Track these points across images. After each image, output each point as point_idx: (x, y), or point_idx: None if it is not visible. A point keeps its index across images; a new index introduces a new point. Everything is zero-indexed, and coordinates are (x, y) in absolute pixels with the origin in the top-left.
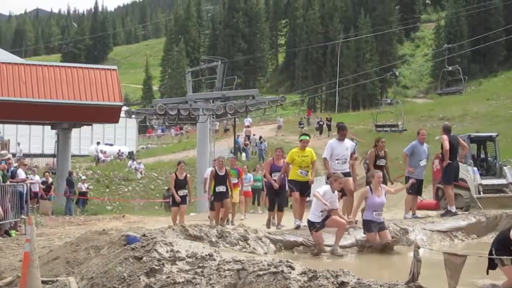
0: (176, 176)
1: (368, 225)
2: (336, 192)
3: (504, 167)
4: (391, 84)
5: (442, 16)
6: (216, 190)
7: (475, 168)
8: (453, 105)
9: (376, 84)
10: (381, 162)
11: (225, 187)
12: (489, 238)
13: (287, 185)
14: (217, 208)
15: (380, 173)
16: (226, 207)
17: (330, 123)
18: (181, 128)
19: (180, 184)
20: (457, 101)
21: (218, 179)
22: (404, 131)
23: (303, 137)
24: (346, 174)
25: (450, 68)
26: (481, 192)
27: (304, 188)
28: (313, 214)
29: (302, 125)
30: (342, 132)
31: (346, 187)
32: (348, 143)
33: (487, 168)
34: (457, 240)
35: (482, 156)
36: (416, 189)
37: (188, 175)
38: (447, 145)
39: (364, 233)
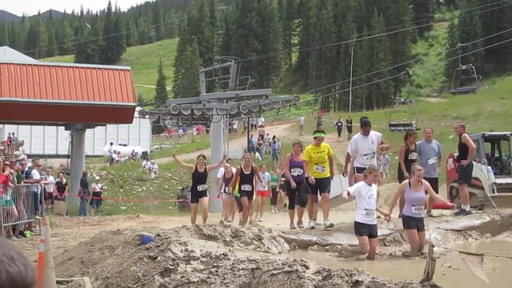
0: (196, 169)
1: (407, 221)
2: (374, 185)
3: None
4: (405, 83)
5: (456, 15)
6: (242, 189)
7: (489, 167)
8: (467, 104)
9: (390, 83)
10: (413, 156)
11: (251, 187)
12: (504, 237)
13: (305, 185)
14: (245, 206)
15: (422, 170)
16: (246, 206)
17: (351, 125)
18: (208, 127)
19: (200, 178)
20: (471, 100)
21: (244, 177)
22: (418, 130)
23: (317, 134)
24: None
25: (463, 67)
26: (495, 191)
27: (322, 185)
28: (359, 213)
29: (321, 125)
30: (365, 128)
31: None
32: (373, 136)
33: (501, 167)
34: (471, 239)
35: (496, 155)
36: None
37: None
38: (473, 144)
39: (404, 229)
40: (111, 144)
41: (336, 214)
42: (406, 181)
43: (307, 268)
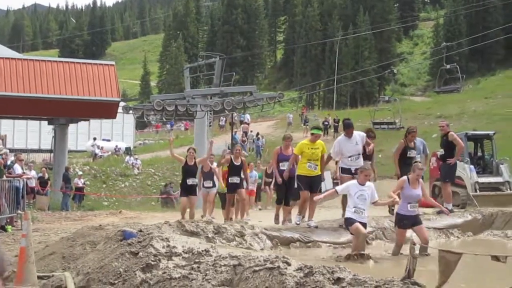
0: (186, 162)
1: (401, 220)
2: (369, 184)
3: (501, 166)
4: (389, 81)
5: (441, 15)
6: (230, 181)
7: (472, 166)
8: (451, 104)
9: (374, 81)
10: (412, 154)
11: (239, 179)
12: (485, 236)
13: (296, 182)
14: (228, 201)
15: (423, 169)
16: (242, 198)
17: (338, 124)
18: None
19: (190, 171)
20: (455, 99)
21: (234, 169)
22: (402, 129)
23: (315, 131)
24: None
25: (448, 66)
26: (478, 190)
27: (314, 183)
28: (348, 210)
29: (307, 124)
30: (348, 131)
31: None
32: (357, 136)
33: (483, 166)
34: (453, 237)
35: (479, 154)
36: None
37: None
38: (461, 142)
39: (395, 226)
40: (95, 139)
41: (319, 211)
42: (405, 177)
43: (289, 264)
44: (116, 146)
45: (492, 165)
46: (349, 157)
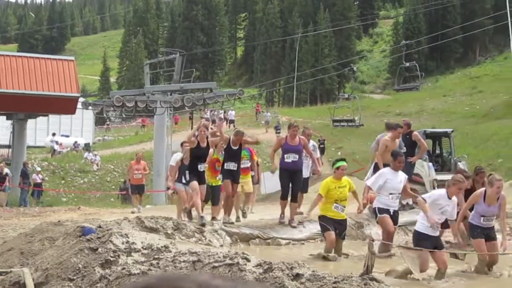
0: (198, 144)
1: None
2: (454, 199)
3: (459, 163)
4: (349, 79)
5: (401, 13)
6: (225, 167)
7: (430, 164)
8: (410, 101)
9: (334, 79)
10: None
11: (236, 165)
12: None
13: (319, 222)
14: (227, 190)
15: (502, 181)
16: (228, 194)
17: (324, 146)
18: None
19: (201, 155)
20: (414, 97)
21: (231, 153)
22: (361, 126)
23: (340, 163)
24: None
25: (407, 64)
26: (436, 187)
27: (340, 227)
28: (421, 223)
29: (279, 131)
30: (398, 162)
31: None
32: (402, 175)
33: (442, 163)
34: (411, 234)
35: (438, 151)
36: None
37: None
38: (425, 144)
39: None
40: (53, 134)
41: (278, 208)
42: (482, 191)
43: (248, 261)
44: (75, 142)
45: (450, 163)
46: (391, 194)
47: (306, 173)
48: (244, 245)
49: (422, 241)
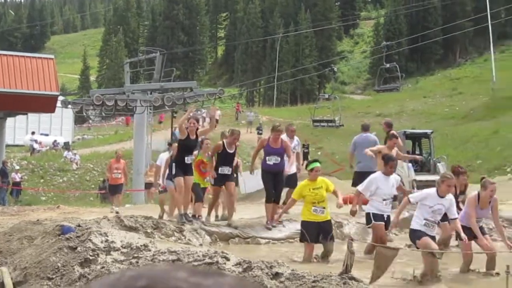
0: (188, 136)
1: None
2: (449, 197)
3: (438, 164)
4: (329, 79)
5: (382, 14)
6: (220, 172)
7: (410, 164)
8: (390, 102)
9: (315, 79)
10: None
11: (231, 170)
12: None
13: (300, 229)
14: (215, 194)
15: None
16: (231, 192)
17: (308, 150)
18: None
19: (189, 146)
20: (394, 98)
21: (226, 157)
22: (341, 127)
23: (313, 165)
24: None
25: (388, 65)
26: (415, 188)
27: (323, 230)
28: (416, 222)
29: (261, 132)
30: (389, 166)
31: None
32: (393, 179)
33: (421, 164)
34: (391, 234)
35: (417, 152)
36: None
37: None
38: (400, 142)
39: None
40: (33, 133)
41: (259, 206)
42: (475, 194)
43: (228, 259)
44: (55, 140)
45: (429, 164)
46: (384, 200)
47: (293, 168)
48: (224, 244)
49: (420, 236)
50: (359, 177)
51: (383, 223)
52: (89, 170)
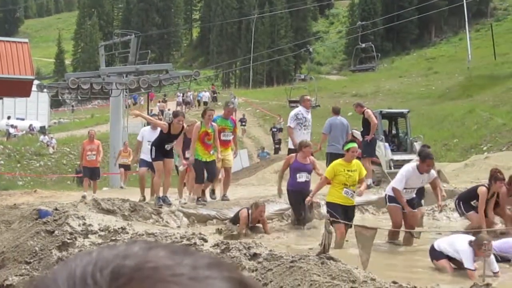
0: (169, 131)
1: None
2: (426, 175)
3: (415, 143)
4: (305, 60)
5: None
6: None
7: (387, 144)
8: (366, 82)
9: (290, 60)
10: None
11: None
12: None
13: (327, 209)
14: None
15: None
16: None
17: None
18: None
19: (169, 139)
20: (370, 78)
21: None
22: (318, 107)
23: (350, 145)
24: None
25: (363, 45)
26: (392, 167)
27: (349, 214)
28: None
29: (244, 125)
30: (426, 164)
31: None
32: (426, 176)
33: (398, 144)
34: (368, 213)
35: (394, 132)
36: None
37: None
38: (375, 120)
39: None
40: (8, 118)
41: (236, 189)
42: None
43: (206, 241)
44: (31, 125)
45: (406, 143)
46: (406, 189)
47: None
48: (201, 225)
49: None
50: (331, 159)
51: (399, 205)
52: (66, 154)
